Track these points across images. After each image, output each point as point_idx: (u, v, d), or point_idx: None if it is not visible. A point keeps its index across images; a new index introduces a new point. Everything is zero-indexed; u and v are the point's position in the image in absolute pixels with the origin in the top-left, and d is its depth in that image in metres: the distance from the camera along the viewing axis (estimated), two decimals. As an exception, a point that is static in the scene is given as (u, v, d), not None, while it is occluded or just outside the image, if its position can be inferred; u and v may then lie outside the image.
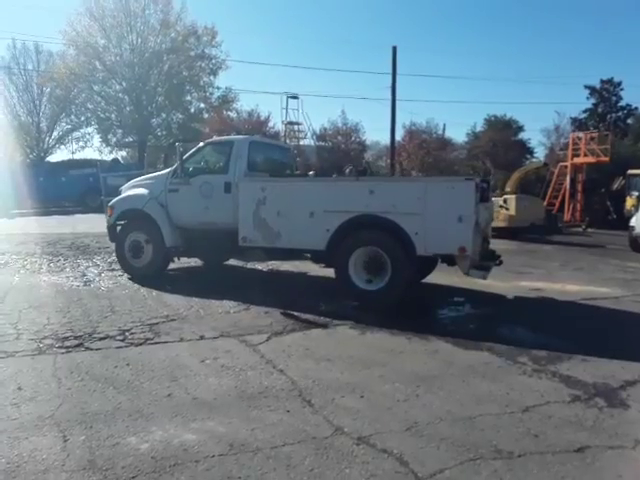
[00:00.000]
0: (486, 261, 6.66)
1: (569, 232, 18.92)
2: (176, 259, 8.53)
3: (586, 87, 41.68)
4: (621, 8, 66.83)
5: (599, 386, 4.06)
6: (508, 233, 15.15)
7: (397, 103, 26.58)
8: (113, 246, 8.71)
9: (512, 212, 15.99)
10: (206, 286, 7.65)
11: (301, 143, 31.68)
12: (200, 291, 7.13)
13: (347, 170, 9.16)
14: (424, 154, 33.01)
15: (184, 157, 8.01)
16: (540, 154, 40.44)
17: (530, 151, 41.00)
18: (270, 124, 34.74)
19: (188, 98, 35.52)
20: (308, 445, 3.12)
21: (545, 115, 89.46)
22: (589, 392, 3.95)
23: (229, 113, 35.87)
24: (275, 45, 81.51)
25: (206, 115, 35.89)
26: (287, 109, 30.66)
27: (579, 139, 22.89)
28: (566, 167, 22.57)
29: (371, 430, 3.31)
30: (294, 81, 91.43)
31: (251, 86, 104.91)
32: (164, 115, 35.08)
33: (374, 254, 6.49)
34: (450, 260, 6.52)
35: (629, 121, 40.63)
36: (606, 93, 41.33)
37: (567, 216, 21.96)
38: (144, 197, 8.24)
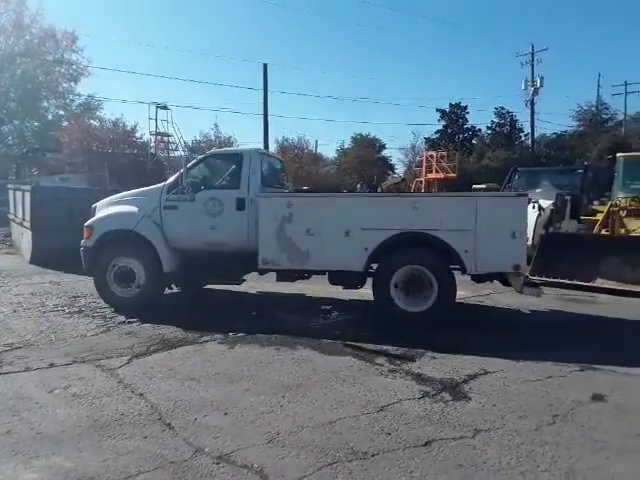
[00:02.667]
0: None
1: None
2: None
3: (437, 110, 46.11)
4: (469, 40, 75.28)
5: (445, 381, 4.43)
6: None
7: (270, 118, 27.08)
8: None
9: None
10: (62, 307, 7.03)
11: (172, 155, 30.68)
12: (54, 313, 6.54)
13: (358, 186, 8.97)
14: (297, 168, 33.85)
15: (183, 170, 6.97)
16: (400, 170, 44.40)
17: (391, 167, 44.77)
18: (137, 134, 33.27)
19: (45, 104, 32.91)
20: (165, 470, 2.99)
21: (403, 135, 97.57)
22: (437, 388, 4.28)
23: (92, 121, 33.71)
24: (145, 55, 78.52)
25: (66, 123, 33.36)
26: (156, 119, 29.53)
27: (431, 157, 25.68)
28: (421, 182, 25.05)
29: (233, 447, 3.26)
30: (164, 91, 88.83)
31: (117, 95, 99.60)
32: (17, 122, 32.03)
33: (417, 274, 6.18)
34: (492, 278, 6.42)
35: (474, 141, 45.83)
36: (454, 116, 46.09)
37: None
38: (135, 215, 7.08)
